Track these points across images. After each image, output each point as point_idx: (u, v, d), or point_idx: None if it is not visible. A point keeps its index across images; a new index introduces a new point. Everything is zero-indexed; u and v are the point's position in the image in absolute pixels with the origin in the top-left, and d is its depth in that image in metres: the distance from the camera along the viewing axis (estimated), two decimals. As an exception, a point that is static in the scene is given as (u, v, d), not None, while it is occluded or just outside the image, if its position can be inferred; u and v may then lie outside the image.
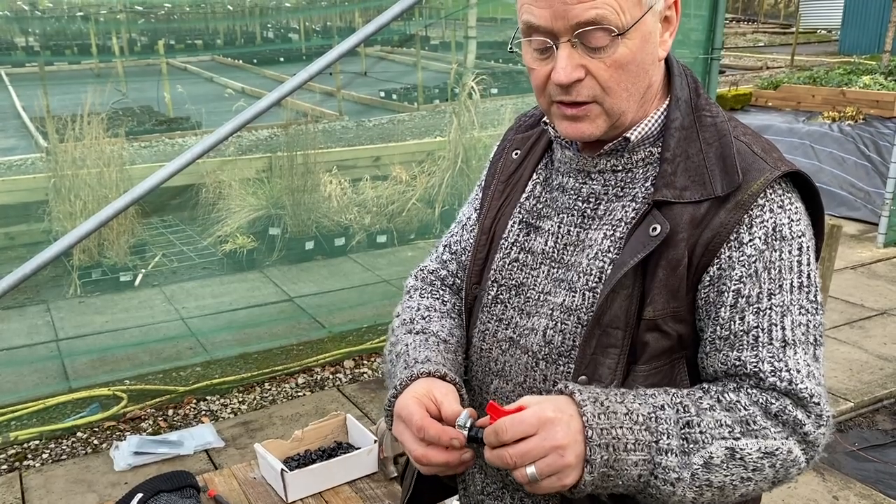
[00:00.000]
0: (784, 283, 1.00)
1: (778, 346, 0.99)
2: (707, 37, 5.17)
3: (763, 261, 0.99)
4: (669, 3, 1.01)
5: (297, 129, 5.63)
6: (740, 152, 1.03)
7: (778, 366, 0.98)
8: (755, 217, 1.00)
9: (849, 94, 8.67)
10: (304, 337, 4.36)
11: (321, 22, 10.99)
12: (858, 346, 4.28)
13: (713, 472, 0.95)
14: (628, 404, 0.95)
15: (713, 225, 1.00)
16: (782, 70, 14.58)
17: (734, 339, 1.00)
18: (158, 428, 3.52)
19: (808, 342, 1.00)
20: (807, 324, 1.00)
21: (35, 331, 4.34)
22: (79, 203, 4.69)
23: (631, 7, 0.95)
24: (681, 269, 1.01)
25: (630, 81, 1.00)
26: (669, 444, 0.94)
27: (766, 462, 0.96)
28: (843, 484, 3.08)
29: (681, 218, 1.00)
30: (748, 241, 1.00)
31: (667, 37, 1.02)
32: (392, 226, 5.68)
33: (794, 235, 1.01)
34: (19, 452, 3.34)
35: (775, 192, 1.01)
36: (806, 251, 1.02)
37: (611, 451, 0.92)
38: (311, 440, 2.18)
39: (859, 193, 6.85)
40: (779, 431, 0.97)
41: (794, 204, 1.03)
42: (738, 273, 1.00)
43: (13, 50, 8.63)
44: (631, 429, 0.93)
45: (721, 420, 0.96)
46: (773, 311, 0.99)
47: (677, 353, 1.05)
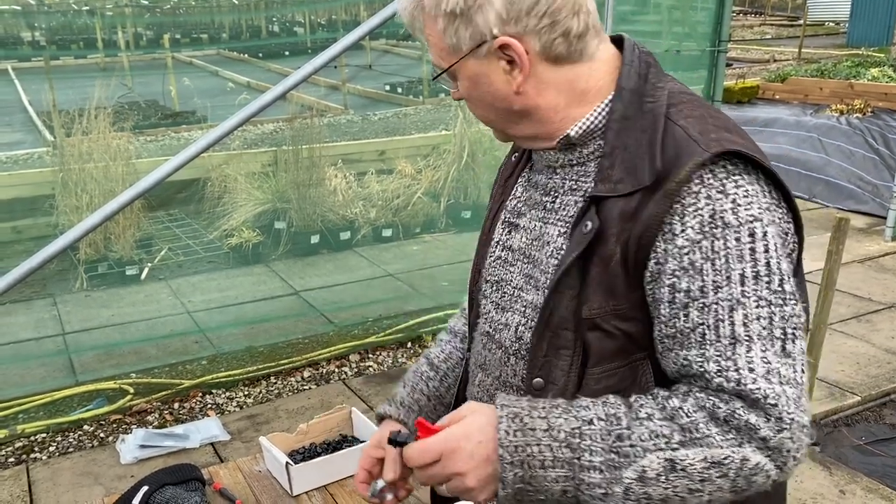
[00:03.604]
0: (732, 275, 0.91)
1: (726, 343, 0.91)
2: (714, 29, 5.13)
3: (701, 252, 0.92)
4: (497, 47, 0.98)
5: (303, 123, 5.63)
6: (675, 136, 0.96)
7: (725, 365, 0.91)
8: (688, 206, 0.93)
9: (857, 86, 8.62)
10: (310, 331, 4.36)
11: (326, 15, 10.98)
12: (866, 340, 4.26)
13: (650, 486, 0.90)
14: (552, 419, 0.94)
15: (643, 217, 0.94)
16: (790, 63, 14.50)
17: (681, 337, 0.94)
18: (164, 421, 3.53)
19: (770, 337, 0.91)
20: (769, 317, 0.91)
21: (41, 324, 4.36)
22: (85, 197, 4.71)
23: (447, 56, 1.02)
24: (613, 265, 0.97)
25: (482, 110, 1.06)
26: (592, 461, 0.91)
27: (715, 472, 0.89)
28: (849, 478, 3.07)
29: (612, 212, 0.97)
30: (680, 231, 0.93)
31: (516, 74, 1.00)
32: (397, 220, 5.68)
33: (742, 221, 0.92)
34: (26, 445, 3.35)
35: (714, 177, 0.93)
36: (762, 237, 0.92)
37: (525, 468, 0.93)
38: (316, 433, 2.18)
39: (867, 187, 6.81)
40: (728, 438, 0.89)
41: (744, 187, 0.94)
42: (671, 267, 0.94)
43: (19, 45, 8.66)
44: (549, 446, 0.92)
45: (657, 430, 0.91)
46: (720, 306, 0.92)
47: (636, 353, 1.00)
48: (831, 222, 3.14)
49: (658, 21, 5.65)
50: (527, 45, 0.98)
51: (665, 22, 5.63)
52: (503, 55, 0.99)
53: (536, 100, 1.02)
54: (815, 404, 3.41)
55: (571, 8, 0.98)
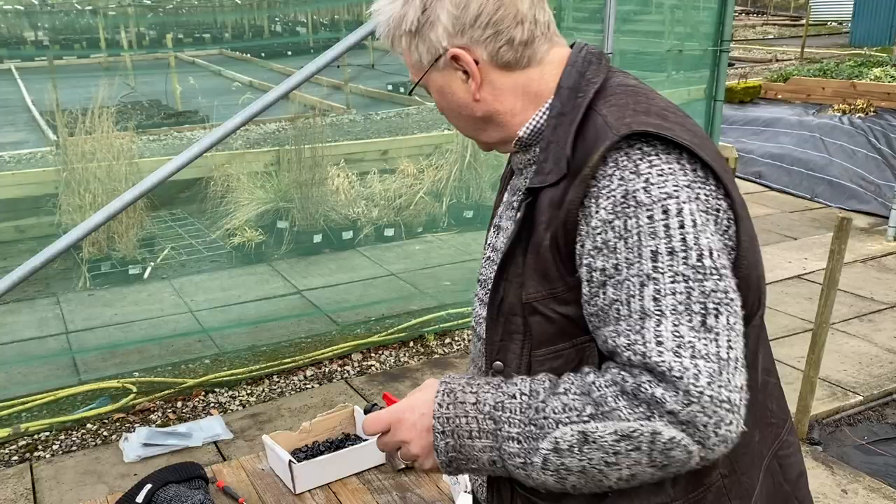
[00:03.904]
0: (644, 251, 0.94)
1: (636, 318, 0.93)
2: (716, 29, 5.13)
3: (614, 231, 0.95)
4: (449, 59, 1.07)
5: (305, 123, 5.64)
6: (594, 125, 1.01)
7: (633, 339, 0.93)
8: (602, 188, 0.97)
9: (859, 86, 8.62)
10: (313, 330, 4.37)
11: (328, 15, 10.98)
12: (868, 340, 4.26)
13: (566, 457, 0.94)
14: (481, 394, 1.03)
15: (566, 203, 1.00)
16: (792, 62, 14.49)
17: (602, 314, 0.98)
18: (167, 420, 3.54)
19: (687, 311, 0.91)
20: (686, 292, 0.92)
21: (45, 323, 4.37)
22: (88, 196, 4.72)
23: (416, 70, 1.12)
24: (542, 251, 1.02)
25: (455, 119, 1.15)
26: (510, 432, 0.98)
27: (626, 445, 0.91)
28: (852, 477, 3.07)
29: (545, 202, 1.03)
30: (595, 213, 0.97)
31: (471, 82, 1.08)
32: (400, 219, 5.68)
33: (655, 199, 0.94)
34: (30, 444, 3.36)
35: (629, 158, 0.97)
36: (677, 214, 0.93)
37: (455, 437, 1.03)
38: (319, 432, 2.19)
39: (870, 186, 6.81)
40: (637, 411, 0.91)
41: (658, 166, 0.96)
42: (587, 247, 0.98)
43: (23, 44, 8.68)
44: (475, 418, 1.01)
45: (570, 404, 0.95)
46: (631, 282, 0.94)
47: (580, 336, 1.03)
48: (833, 222, 3.14)
49: (660, 21, 5.65)
50: (475, 54, 1.06)
51: (667, 21, 5.63)
52: (457, 66, 1.08)
53: (495, 105, 1.10)
54: (816, 404, 3.41)
55: (514, 18, 1.05)
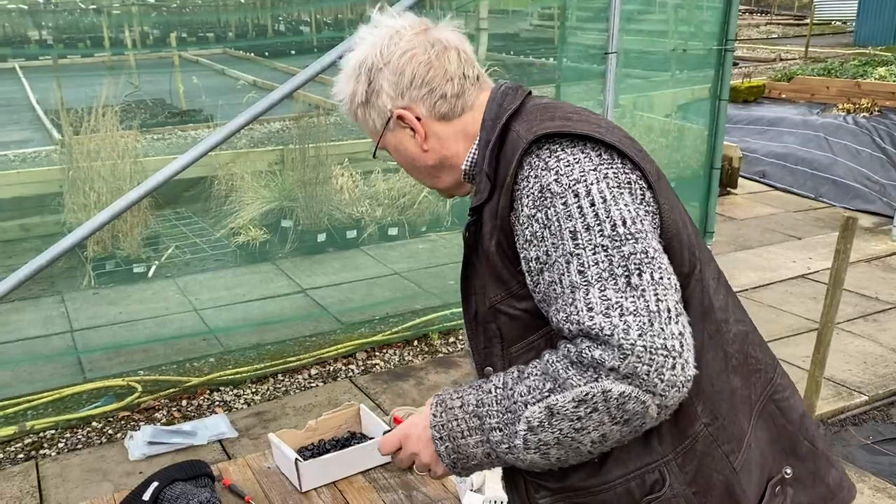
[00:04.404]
0: (564, 233, 1.05)
1: (568, 292, 1.04)
2: (721, 28, 5.12)
3: (538, 223, 1.07)
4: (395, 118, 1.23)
5: (309, 122, 5.64)
6: (511, 141, 1.15)
7: (569, 311, 1.03)
8: (523, 189, 1.10)
9: (864, 85, 8.59)
10: (317, 329, 4.37)
11: (332, 14, 10.98)
12: (873, 340, 4.25)
13: (540, 433, 1.04)
14: (465, 398, 1.13)
15: (499, 210, 1.13)
16: (796, 62, 14.46)
17: (546, 298, 1.08)
18: (172, 418, 3.54)
19: (611, 276, 1.01)
20: (608, 259, 1.02)
21: (50, 322, 4.38)
22: (93, 195, 4.73)
23: (374, 136, 1.29)
24: (491, 257, 1.15)
25: (413, 172, 1.31)
26: (491, 423, 1.09)
27: (585, 408, 1.00)
28: (857, 477, 3.06)
29: (486, 216, 1.16)
30: (521, 211, 1.10)
31: (417, 136, 1.24)
32: (403, 218, 5.68)
33: (565, 187, 1.06)
34: (35, 441, 3.37)
35: (539, 158, 1.10)
36: (587, 194, 1.05)
37: (452, 441, 1.13)
38: (324, 430, 2.19)
39: (874, 186, 6.79)
40: (584, 376, 1.00)
41: (565, 158, 1.09)
42: (521, 242, 1.10)
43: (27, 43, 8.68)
44: (463, 419, 1.12)
45: (532, 384, 1.05)
46: (559, 262, 1.05)
47: (545, 326, 1.13)
48: (838, 221, 3.14)
49: (664, 20, 5.65)
50: (416, 112, 1.23)
51: (671, 21, 5.63)
52: (403, 124, 1.23)
53: (442, 152, 1.25)
54: (821, 403, 3.41)
55: (443, 77, 1.21)
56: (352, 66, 1.24)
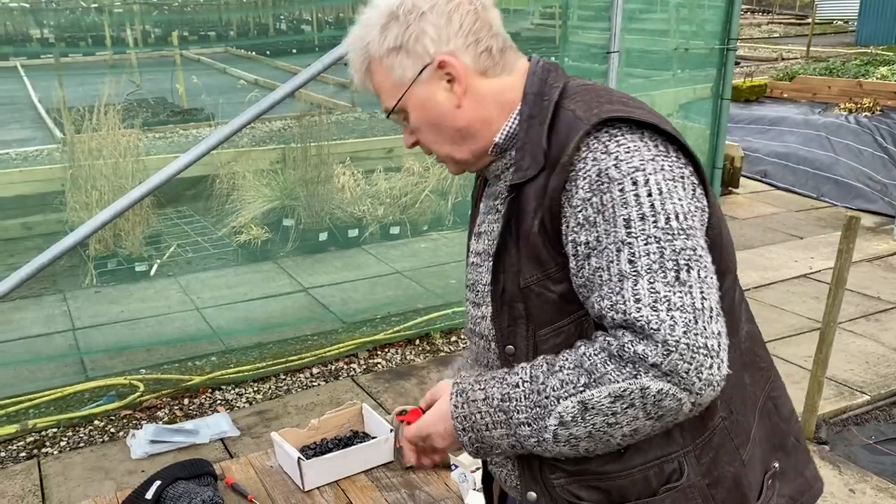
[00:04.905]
0: (618, 220, 1.03)
1: (616, 280, 1.02)
2: (723, 28, 5.12)
3: (592, 207, 1.05)
4: (436, 66, 1.15)
5: (311, 121, 5.64)
6: (565, 120, 1.12)
7: (615, 300, 1.02)
8: (579, 171, 1.07)
9: (866, 85, 8.59)
10: (319, 327, 4.37)
11: (333, 13, 10.98)
12: (875, 340, 4.24)
13: (572, 428, 1.04)
14: (489, 390, 1.12)
15: (549, 191, 1.10)
16: (798, 61, 14.44)
17: (588, 284, 1.06)
18: (174, 417, 3.54)
19: (661, 269, 1.01)
20: (658, 251, 1.01)
21: (52, 320, 4.38)
22: (95, 194, 4.73)
23: (396, 92, 1.19)
24: (532, 237, 1.12)
25: (434, 136, 1.21)
26: (520, 418, 1.08)
27: (621, 404, 1.00)
28: (859, 477, 3.06)
29: (529, 194, 1.13)
30: (575, 193, 1.07)
31: (456, 87, 1.16)
32: (405, 217, 5.68)
33: (624, 173, 1.04)
34: (37, 440, 3.37)
35: (598, 141, 1.08)
36: (645, 183, 1.04)
37: (476, 432, 1.14)
38: (327, 429, 2.19)
39: (876, 186, 6.79)
40: (623, 371, 0.99)
41: (626, 144, 1.07)
42: (571, 225, 1.08)
43: (28, 42, 8.69)
44: (487, 412, 1.12)
45: (566, 378, 1.04)
46: (609, 249, 1.03)
47: (577, 311, 1.12)
48: (840, 221, 3.14)
49: (666, 19, 5.64)
50: (460, 60, 1.16)
51: (673, 20, 5.62)
52: (443, 74, 1.16)
53: (477, 112, 1.19)
54: (823, 403, 3.40)
55: (489, 30, 1.17)
56: (384, 10, 1.16)
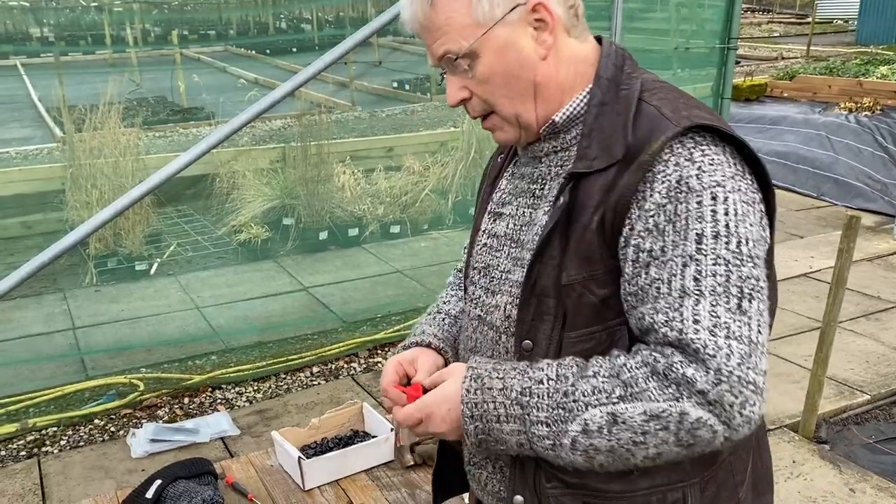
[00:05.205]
0: (690, 234, 0.98)
1: (675, 295, 0.97)
2: (724, 27, 5.11)
3: (665, 214, 0.99)
4: (530, 8, 1.06)
5: (311, 120, 5.63)
6: (648, 115, 1.05)
7: (671, 315, 0.96)
8: (658, 173, 1.01)
9: (866, 84, 8.58)
10: (319, 326, 4.37)
11: (333, 12, 10.97)
12: (875, 339, 4.25)
13: (595, 438, 0.97)
14: (508, 380, 1.05)
15: (619, 188, 1.03)
16: (798, 60, 14.44)
17: (641, 293, 1.01)
18: (174, 416, 3.54)
19: (725, 293, 0.95)
20: (725, 274, 0.96)
21: (52, 319, 4.38)
22: (95, 192, 4.72)
23: (471, 32, 1.06)
24: (588, 234, 1.04)
25: (504, 90, 1.10)
26: (539, 416, 1.01)
27: (655, 425, 0.94)
28: (859, 476, 3.06)
29: (593, 187, 1.05)
30: (649, 196, 1.01)
31: (546, 36, 1.07)
32: (405, 216, 5.68)
33: (705, 186, 0.99)
34: (38, 439, 3.37)
35: (683, 147, 1.02)
36: (724, 201, 0.98)
37: (483, 422, 1.06)
38: (327, 428, 2.19)
39: (876, 185, 6.79)
40: (666, 392, 0.94)
41: (710, 156, 1.01)
42: (638, 228, 1.01)
43: (28, 40, 8.68)
44: (503, 403, 1.04)
45: (600, 386, 0.98)
46: (674, 262, 0.98)
47: (613, 319, 1.06)
48: (840, 220, 3.13)
49: (666, 18, 5.64)
50: (554, 9, 1.07)
51: (673, 19, 5.62)
52: (532, 19, 1.06)
53: (555, 71, 1.10)
54: (824, 402, 3.41)
55: None
56: None
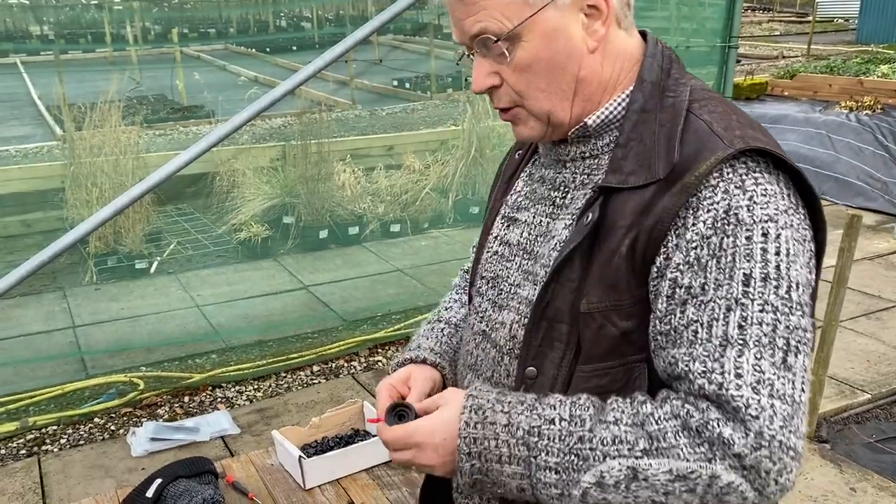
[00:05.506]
0: (735, 274, 0.87)
1: (716, 343, 0.86)
2: (724, 25, 5.11)
3: (709, 247, 0.88)
4: None
5: (311, 118, 5.63)
6: (697, 131, 0.94)
7: (711, 366, 0.85)
8: (703, 199, 0.90)
9: (866, 83, 8.58)
10: (319, 325, 4.37)
11: (334, 10, 10.96)
12: (876, 338, 4.24)
13: (610, 493, 0.87)
14: (514, 415, 0.93)
15: (656, 210, 0.91)
16: (799, 59, 14.44)
17: (674, 334, 0.90)
18: (174, 414, 3.54)
19: (770, 345, 0.85)
20: (773, 323, 0.85)
21: (52, 317, 4.37)
22: (95, 191, 4.72)
23: (516, 11, 0.94)
24: (616, 259, 0.93)
25: (543, 82, 0.98)
26: (548, 461, 0.90)
27: (680, 486, 0.84)
28: (860, 475, 3.06)
29: (625, 205, 0.94)
30: (692, 225, 0.90)
31: (598, 26, 0.96)
32: (405, 215, 5.68)
33: (756, 219, 0.88)
34: (38, 437, 3.37)
35: (735, 172, 0.90)
36: (776, 238, 0.88)
37: (482, 460, 0.93)
38: (328, 427, 2.19)
39: (876, 184, 6.78)
40: (698, 452, 0.84)
41: (763, 185, 0.90)
42: (676, 260, 0.90)
43: (28, 38, 8.67)
44: (507, 441, 0.92)
45: (622, 436, 0.87)
46: (717, 304, 0.87)
47: (633, 355, 0.96)
48: (841, 219, 3.13)
49: (667, 17, 5.63)
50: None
51: (674, 18, 5.61)
52: (586, 5, 0.96)
53: (600, 68, 0.99)
54: (824, 402, 3.40)
55: None
56: None
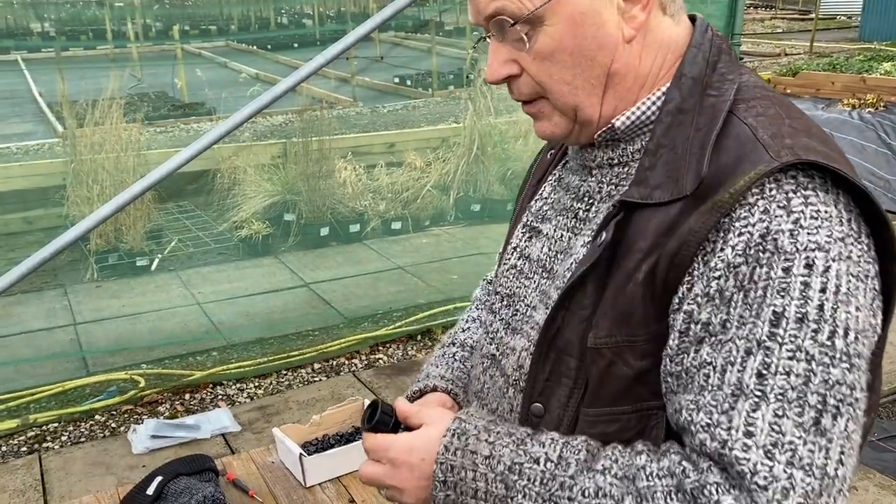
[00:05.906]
0: (764, 311, 0.72)
1: (727, 392, 0.72)
2: (727, 23, 5.10)
3: (736, 278, 0.74)
4: None
5: (312, 115, 5.62)
6: (737, 137, 0.78)
7: (716, 419, 0.72)
8: (737, 220, 0.75)
9: (869, 81, 8.56)
10: (320, 323, 4.37)
11: (335, 7, 10.95)
12: (878, 336, 4.23)
13: None
14: (498, 448, 0.84)
15: (681, 232, 0.77)
16: (801, 57, 14.41)
17: (685, 377, 0.77)
18: (175, 412, 3.54)
19: (799, 401, 0.70)
20: (805, 375, 0.70)
21: (53, 315, 4.37)
22: (96, 188, 4.72)
23: None
24: (631, 286, 0.80)
25: (566, 73, 0.84)
26: (521, 503, 0.81)
27: None
28: (862, 474, 3.05)
29: (647, 224, 0.80)
30: (719, 250, 0.75)
31: (637, 11, 0.83)
32: (407, 212, 5.67)
33: (800, 247, 0.72)
34: (38, 435, 3.37)
35: (779, 189, 0.75)
36: (823, 272, 0.72)
37: (457, 492, 0.85)
38: (329, 425, 2.18)
39: (879, 182, 6.77)
40: None
41: (815, 206, 0.74)
42: (696, 291, 0.76)
43: (29, 35, 8.66)
44: (484, 475, 0.83)
45: (606, 489, 0.77)
46: (734, 345, 0.73)
47: (649, 401, 0.82)
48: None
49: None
50: None
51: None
52: None
53: (635, 59, 0.85)
54: (826, 400, 3.40)
55: None
56: None
